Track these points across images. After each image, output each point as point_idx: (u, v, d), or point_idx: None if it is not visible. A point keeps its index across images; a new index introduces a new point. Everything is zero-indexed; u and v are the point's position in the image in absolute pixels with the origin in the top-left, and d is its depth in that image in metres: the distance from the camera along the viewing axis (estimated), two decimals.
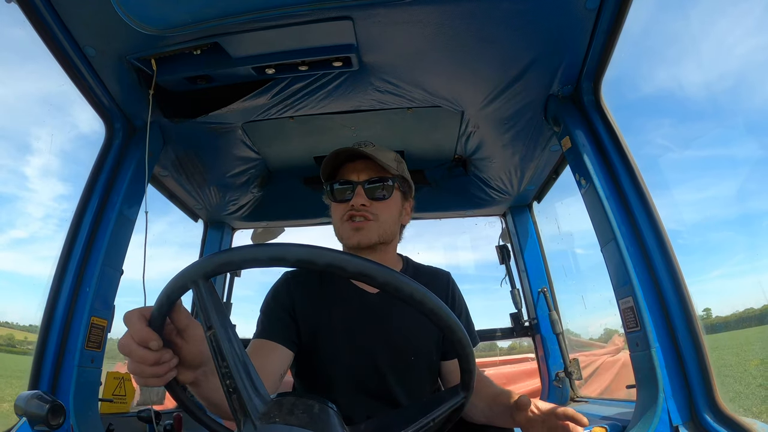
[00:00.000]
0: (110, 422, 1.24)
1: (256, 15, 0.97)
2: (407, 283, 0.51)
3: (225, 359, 0.49)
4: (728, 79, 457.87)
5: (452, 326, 0.54)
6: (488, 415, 1.02)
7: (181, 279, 0.53)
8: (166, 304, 0.55)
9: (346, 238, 1.09)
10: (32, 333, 1.14)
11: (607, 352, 2.87)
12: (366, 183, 1.08)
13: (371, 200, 1.07)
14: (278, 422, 0.47)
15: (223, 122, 1.48)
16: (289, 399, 0.51)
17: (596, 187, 1.21)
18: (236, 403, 0.48)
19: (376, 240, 1.07)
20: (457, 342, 0.56)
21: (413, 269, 1.21)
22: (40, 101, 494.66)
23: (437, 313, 0.52)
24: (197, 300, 0.52)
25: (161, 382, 0.60)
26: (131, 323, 0.57)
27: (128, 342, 0.56)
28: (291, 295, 1.09)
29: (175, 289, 0.54)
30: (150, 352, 0.56)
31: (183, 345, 0.61)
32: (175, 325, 0.60)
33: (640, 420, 1.04)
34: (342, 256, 0.48)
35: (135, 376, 0.59)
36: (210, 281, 0.52)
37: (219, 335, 0.50)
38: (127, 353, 0.57)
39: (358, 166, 1.10)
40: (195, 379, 0.66)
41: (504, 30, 1.11)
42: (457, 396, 0.61)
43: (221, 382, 0.50)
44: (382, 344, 1.04)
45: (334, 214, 1.12)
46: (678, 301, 1.07)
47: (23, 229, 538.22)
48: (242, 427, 0.48)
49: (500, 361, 3.50)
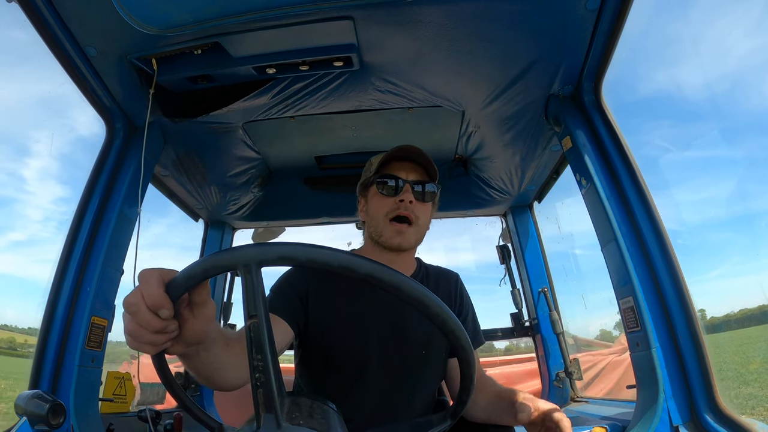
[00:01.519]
0: (110, 422, 1.24)
1: (257, 15, 0.97)
2: (412, 286, 0.51)
3: (261, 352, 0.47)
4: (727, 79, 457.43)
5: (455, 331, 0.54)
6: (489, 413, 1.02)
7: (232, 258, 0.49)
8: (199, 277, 0.51)
9: (387, 237, 1.09)
10: (32, 336, 1.14)
11: (613, 351, 2.86)
12: (414, 183, 1.10)
13: (416, 201, 1.10)
14: (302, 425, 0.47)
15: (223, 122, 1.48)
16: (305, 400, 0.51)
17: (597, 187, 1.21)
18: (262, 398, 0.47)
19: (414, 244, 1.12)
20: (460, 347, 0.56)
21: (425, 270, 1.22)
22: (40, 101, 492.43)
23: (441, 317, 0.53)
24: (246, 286, 0.49)
25: (154, 351, 0.57)
26: (147, 283, 0.52)
27: (137, 302, 0.51)
28: (306, 283, 1.09)
29: (217, 266, 0.50)
30: (157, 318, 0.52)
31: (190, 320, 0.58)
32: (192, 298, 0.57)
33: (640, 420, 1.04)
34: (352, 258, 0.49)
35: (130, 337, 0.54)
36: (260, 270, 0.49)
37: (261, 326, 0.48)
38: (133, 312, 0.52)
39: (407, 166, 1.12)
40: (185, 353, 0.63)
41: (505, 30, 1.11)
42: (444, 422, 0.65)
43: (251, 374, 0.48)
44: (394, 338, 1.05)
45: (377, 209, 1.12)
46: (678, 302, 1.07)
47: (21, 232, 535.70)
48: (262, 422, 0.47)
49: (501, 361, 3.50)
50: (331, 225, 2.17)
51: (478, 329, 1.22)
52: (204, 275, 0.51)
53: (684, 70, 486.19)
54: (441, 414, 0.66)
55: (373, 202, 1.13)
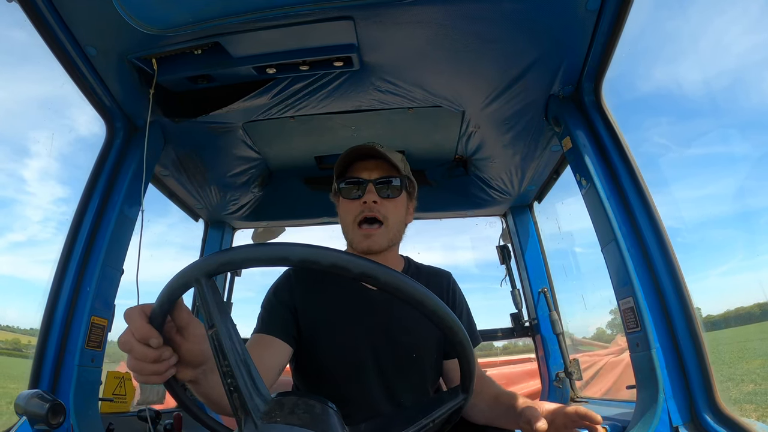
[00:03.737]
0: (110, 422, 1.24)
1: (257, 15, 0.96)
2: (408, 283, 0.50)
3: (227, 358, 0.49)
4: (727, 77, 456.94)
5: (453, 327, 0.54)
6: (489, 416, 1.02)
7: (183, 277, 0.52)
8: (168, 302, 0.55)
9: (356, 243, 1.09)
10: (36, 337, 1.14)
11: (611, 352, 2.86)
12: (377, 181, 1.09)
13: (381, 199, 1.08)
14: (279, 422, 0.47)
15: (223, 122, 1.48)
16: (291, 398, 0.51)
17: (597, 187, 1.21)
18: (237, 402, 0.49)
19: (386, 246, 1.09)
20: (458, 343, 0.56)
21: (414, 269, 1.21)
22: (40, 101, 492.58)
23: (438, 313, 0.52)
24: (199, 298, 0.52)
25: (161, 380, 0.60)
26: (132, 320, 0.56)
27: (129, 339, 0.56)
28: (292, 292, 1.09)
29: (177, 287, 0.54)
30: (150, 349, 0.56)
31: (183, 343, 0.61)
32: (175, 322, 0.60)
33: (640, 420, 1.04)
34: (345, 257, 0.48)
35: (135, 373, 0.59)
36: (212, 280, 0.52)
37: (221, 334, 0.50)
38: (128, 350, 0.57)
39: (369, 165, 1.12)
40: (194, 377, 0.66)
41: (505, 30, 1.11)
42: (457, 397, 0.62)
43: (222, 381, 0.50)
44: (385, 341, 1.05)
45: (345, 213, 1.12)
46: (678, 302, 1.07)
47: (21, 233, 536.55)
48: (243, 426, 0.48)
49: (501, 361, 3.49)
50: (331, 225, 2.17)
51: (474, 328, 1.21)
52: (170, 298, 0.55)
53: (684, 69, 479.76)
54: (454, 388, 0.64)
55: (341, 208, 1.13)
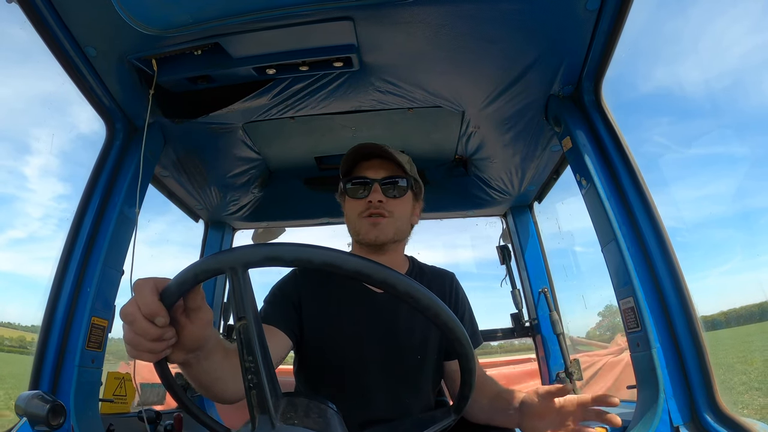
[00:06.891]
0: (110, 422, 1.24)
1: (257, 15, 0.96)
2: (404, 280, 0.50)
3: (252, 354, 0.48)
4: (727, 77, 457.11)
5: (450, 324, 0.54)
6: (489, 413, 1.02)
7: (218, 262, 0.50)
8: (190, 283, 0.52)
9: (363, 233, 1.09)
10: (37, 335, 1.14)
11: (610, 352, 2.86)
12: (383, 181, 1.10)
13: (387, 198, 1.09)
14: (297, 424, 0.47)
15: (223, 122, 1.48)
16: (302, 400, 0.51)
17: (597, 187, 1.21)
18: (255, 399, 0.48)
19: (392, 236, 1.09)
20: (456, 341, 0.56)
21: (418, 269, 1.21)
22: (40, 101, 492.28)
23: (434, 310, 0.52)
24: (233, 288, 0.49)
25: (154, 359, 0.58)
26: (142, 293, 0.53)
27: (134, 311, 0.53)
28: (298, 290, 1.09)
29: (207, 271, 0.51)
30: (153, 326, 0.53)
31: (187, 325, 0.59)
32: (187, 304, 0.57)
33: (640, 420, 1.04)
34: (338, 254, 0.48)
35: (129, 346, 0.56)
36: (248, 272, 0.50)
37: (250, 328, 0.48)
38: (129, 322, 0.53)
39: (375, 164, 1.12)
40: (186, 360, 0.64)
41: (505, 30, 1.11)
42: (447, 417, 0.65)
43: (243, 376, 0.48)
44: (389, 344, 1.05)
45: (350, 211, 1.13)
46: (678, 302, 1.07)
47: (22, 230, 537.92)
48: (258, 424, 0.47)
49: (501, 361, 3.50)
50: (331, 225, 2.17)
51: (476, 329, 1.21)
52: (195, 280, 0.52)
53: (684, 68, 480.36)
54: (444, 409, 0.66)
55: (347, 205, 1.15)
